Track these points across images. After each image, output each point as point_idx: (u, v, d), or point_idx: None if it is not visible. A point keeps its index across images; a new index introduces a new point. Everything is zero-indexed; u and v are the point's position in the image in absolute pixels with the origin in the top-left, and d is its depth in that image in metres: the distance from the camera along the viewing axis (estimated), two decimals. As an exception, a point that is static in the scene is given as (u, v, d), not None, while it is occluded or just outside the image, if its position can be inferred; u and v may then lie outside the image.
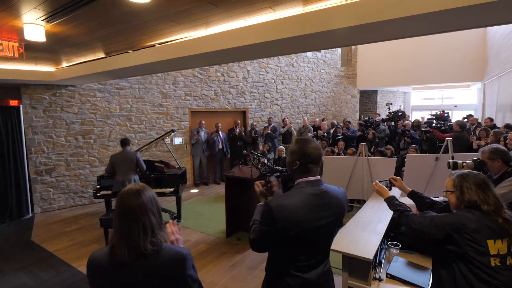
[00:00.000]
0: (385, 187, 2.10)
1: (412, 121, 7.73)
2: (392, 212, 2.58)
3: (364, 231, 2.22)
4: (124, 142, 4.47)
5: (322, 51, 9.83)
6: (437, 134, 5.54)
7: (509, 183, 2.19)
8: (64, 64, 4.69)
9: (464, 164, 2.36)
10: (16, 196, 5.26)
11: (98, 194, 4.67)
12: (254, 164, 3.91)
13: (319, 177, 1.41)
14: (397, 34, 2.37)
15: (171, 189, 4.59)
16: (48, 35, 2.93)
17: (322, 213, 1.35)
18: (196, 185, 7.20)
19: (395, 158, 3.70)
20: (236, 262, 3.60)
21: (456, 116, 11.68)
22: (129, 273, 1.05)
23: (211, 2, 2.25)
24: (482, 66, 8.81)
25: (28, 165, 5.40)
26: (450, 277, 1.49)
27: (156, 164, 5.03)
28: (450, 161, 2.39)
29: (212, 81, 7.37)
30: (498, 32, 7.23)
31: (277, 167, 5.36)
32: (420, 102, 13.48)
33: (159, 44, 3.51)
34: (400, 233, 2.37)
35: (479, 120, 7.48)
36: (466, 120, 7.16)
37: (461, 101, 12.41)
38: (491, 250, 1.37)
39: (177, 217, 4.85)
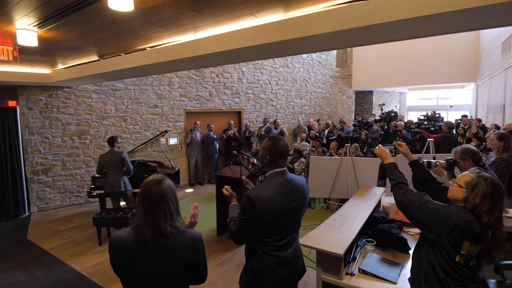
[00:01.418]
0: (388, 152, 1.97)
1: (405, 121, 7.84)
2: (370, 211, 2.69)
3: (340, 228, 2.31)
4: (110, 141, 4.34)
5: (317, 52, 9.93)
6: (425, 135, 5.63)
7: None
8: (60, 66, 4.80)
9: (438, 163, 2.47)
10: (13, 196, 5.37)
11: (93, 193, 4.77)
12: (243, 164, 4.01)
13: (285, 168, 1.66)
14: (370, 40, 2.47)
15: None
16: (41, 39, 3.03)
17: (290, 197, 1.62)
18: (191, 185, 7.30)
19: (379, 159, 3.79)
20: (225, 259, 3.71)
21: (451, 117, 11.78)
22: (152, 250, 1.24)
23: (194, 10, 2.35)
24: (475, 67, 8.91)
25: (24, 165, 5.51)
26: (418, 258, 1.58)
27: (150, 164, 5.13)
28: (425, 160, 2.49)
29: (207, 82, 7.47)
30: (490, 34, 7.32)
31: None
32: (416, 103, 13.58)
33: (150, 47, 3.61)
34: (377, 231, 2.46)
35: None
36: (459, 120, 7.27)
37: (457, 101, 12.50)
38: (463, 249, 1.39)
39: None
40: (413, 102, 13.65)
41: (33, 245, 4.25)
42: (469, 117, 7.28)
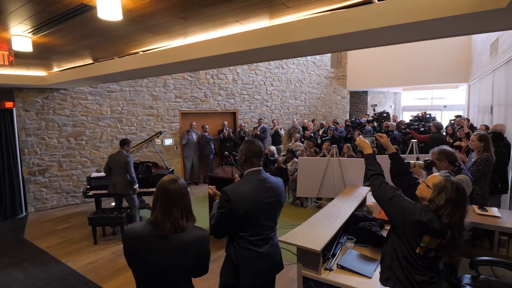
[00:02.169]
0: (368, 142, 2.03)
1: (398, 122, 7.96)
2: (352, 210, 2.81)
3: (321, 226, 2.42)
4: (120, 143, 4.46)
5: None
6: (414, 135, 5.75)
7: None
8: (55, 69, 4.89)
9: (416, 164, 2.59)
10: (10, 196, 5.46)
11: (90, 193, 4.85)
12: (235, 165, 4.12)
13: (260, 168, 1.80)
14: (349, 46, 2.58)
15: (157, 189, 4.77)
16: (36, 45, 3.13)
17: (265, 194, 1.75)
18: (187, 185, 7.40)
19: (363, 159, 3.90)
20: (216, 257, 3.81)
21: (445, 117, 11.92)
22: (169, 243, 1.36)
23: (181, 17, 2.45)
24: (467, 68, 9.04)
25: (21, 166, 5.60)
26: (386, 248, 1.71)
27: (148, 164, 5.22)
28: (405, 161, 2.60)
29: (202, 84, 7.57)
30: (480, 36, 7.44)
31: None
32: (411, 103, 13.73)
33: (143, 51, 3.71)
34: (358, 228, 2.58)
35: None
36: (453, 120, 7.38)
37: (451, 101, 12.64)
38: (423, 242, 1.50)
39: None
40: (408, 102, 13.80)
41: (30, 244, 4.34)
42: (463, 117, 7.39)
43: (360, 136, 2.10)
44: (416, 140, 3.48)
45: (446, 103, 12.64)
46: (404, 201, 1.60)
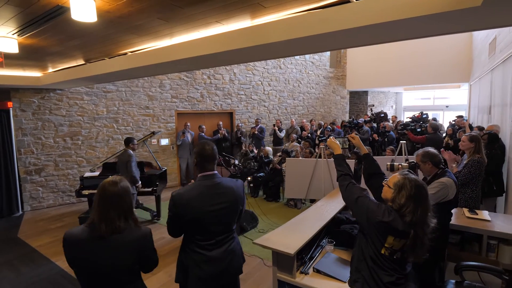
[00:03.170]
0: (338, 143, 2.05)
1: (396, 122, 7.87)
2: (335, 212, 2.78)
3: (299, 228, 2.40)
4: (125, 142, 4.38)
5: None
6: (410, 136, 5.67)
7: (437, 184, 2.36)
8: (50, 70, 4.94)
9: (400, 166, 2.54)
10: (6, 195, 5.54)
11: (86, 193, 4.86)
12: (224, 165, 4.11)
13: (215, 171, 1.75)
14: (328, 46, 2.55)
15: (149, 189, 4.81)
16: (23, 46, 3.16)
17: (214, 201, 1.68)
18: (182, 185, 7.42)
19: (353, 160, 3.87)
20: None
21: (447, 117, 11.76)
22: (107, 245, 1.38)
23: (160, 18, 2.45)
24: (468, 67, 8.89)
25: (18, 165, 5.67)
26: (355, 250, 1.70)
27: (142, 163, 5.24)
28: (388, 163, 2.56)
29: (199, 84, 7.58)
30: (480, 34, 7.32)
31: (246, 168, 5.53)
32: (412, 103, 13.56)
33: (131, 52, 3.72)
34: (338, 231, 2.55)
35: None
36: (453, 121, 7.27)
37: (453, 101, 12.46)
38: (387, 242, 1.50)
39: (156, 215, 5.08)
40: (410, 102, 13.64)
41: (23, 243, 4.40)
42: (464, 118, 7.26)
43: (331, 137, 2.09)
44: (405, 142, 3.42)
45: (449, 103, 12.46)
46: (369, 202, 1.59)
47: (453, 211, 2.47)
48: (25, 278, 3.45)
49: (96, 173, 5.17)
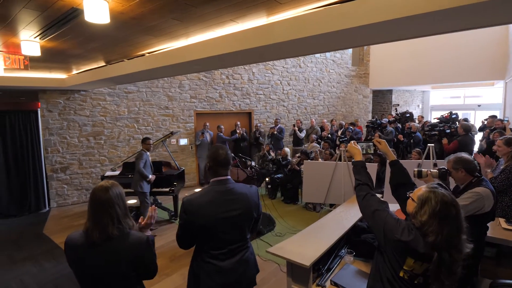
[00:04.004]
0: (358, 148, 1.85)
1: (423, 122, 7.45)
2: (355, 220, 2.61)
3: (316, 237, 2.27)
4: (142, 141, 4.59)
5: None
6: (445, 147, 5.07)
7: (470, 194, 2.13)
8: (74, 72, 5.10)
9: (429, 172, 2.32)
10: (34, 192, 5.81)
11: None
12: (240, 167, 4.04)
13: (228, 177, 1.67)
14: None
15: (167, 189, 4.83)
16: (45, 49, 3.25)
17: (227, 207, 1.60)
18: (201, 185, 7.46)
19: (375, 164, 3.66)
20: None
21: (479, 117, 11.01)
22: (100, 251, 1.36)
23: (174, 18, 2.40)
24: (504, 64, 8.24)
25: (45, 164, 5.92)
26: (373, 264, 1.55)
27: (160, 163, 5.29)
28: (416, 169, 2.36)
29: (217, 84, 7.57)
30: (519, 28, 6.75)
31: (264, 169, 5.41)
32: (440, 102, 12.82)
33: (149, 53, 3.73)
34: (358, 241, 2.39)
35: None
36: (485, 121, 6.76)
37: (486, 100, 11.65)
38: (406, 265, 1.32)
39: (174, 215, 5.10)
40: (438, 101, 12.90)
41: (47, 239, 4.57)
42: (505, 119, 6.68)
43: (352, 141, 1.89)
44: (433, 144, 3.17)
45: (481, 102, 11.66)
46: (387, 216, 1.41)
47: (488, 221, 2.22)
48: (47, 274, 3.56)
49: (117, 172, 5.28)
